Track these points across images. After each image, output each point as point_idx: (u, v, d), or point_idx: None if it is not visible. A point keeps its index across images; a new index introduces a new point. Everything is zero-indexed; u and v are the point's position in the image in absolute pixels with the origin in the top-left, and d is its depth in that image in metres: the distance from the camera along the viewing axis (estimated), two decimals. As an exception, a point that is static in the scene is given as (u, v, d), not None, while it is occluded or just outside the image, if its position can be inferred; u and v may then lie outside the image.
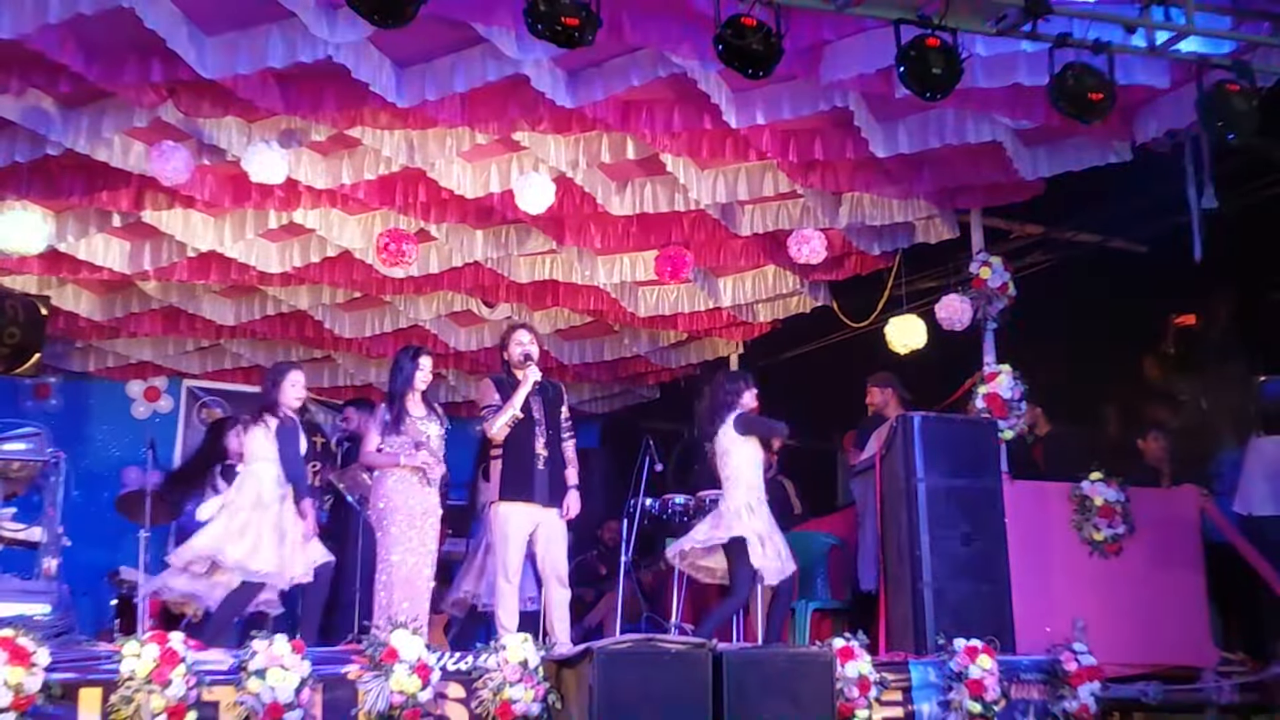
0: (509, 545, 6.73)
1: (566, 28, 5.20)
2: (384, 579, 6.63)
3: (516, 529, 6.74)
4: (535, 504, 6.78)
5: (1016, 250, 8.89)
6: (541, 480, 6.80)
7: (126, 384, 11.69)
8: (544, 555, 6.82)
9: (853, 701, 6.17)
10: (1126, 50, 6.12)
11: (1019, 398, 7.90)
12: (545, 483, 6.81)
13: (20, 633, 5.16)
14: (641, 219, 8.76)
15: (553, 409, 6.98)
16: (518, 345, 6.99)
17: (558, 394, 7.11)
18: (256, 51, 6.24)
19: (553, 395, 7.05)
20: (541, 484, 6.80)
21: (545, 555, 6.82)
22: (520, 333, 7.07)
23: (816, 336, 10.44)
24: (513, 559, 6.73)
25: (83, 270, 9.13)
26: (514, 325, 7.28)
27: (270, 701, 5.37)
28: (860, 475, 7.94)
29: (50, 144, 7.21)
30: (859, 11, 5.72)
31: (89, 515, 9.95)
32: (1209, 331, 9.00)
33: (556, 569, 6.81)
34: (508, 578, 6.72)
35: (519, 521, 6.75)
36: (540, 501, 6.79)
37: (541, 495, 6.79)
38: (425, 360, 7.01)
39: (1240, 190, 7.72)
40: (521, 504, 6.76)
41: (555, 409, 7.00)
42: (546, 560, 6.82)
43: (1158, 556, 7.74)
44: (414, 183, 8.13)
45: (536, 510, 6.79)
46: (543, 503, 6.80)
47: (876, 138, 7.28)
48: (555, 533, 6.84)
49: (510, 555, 6.73)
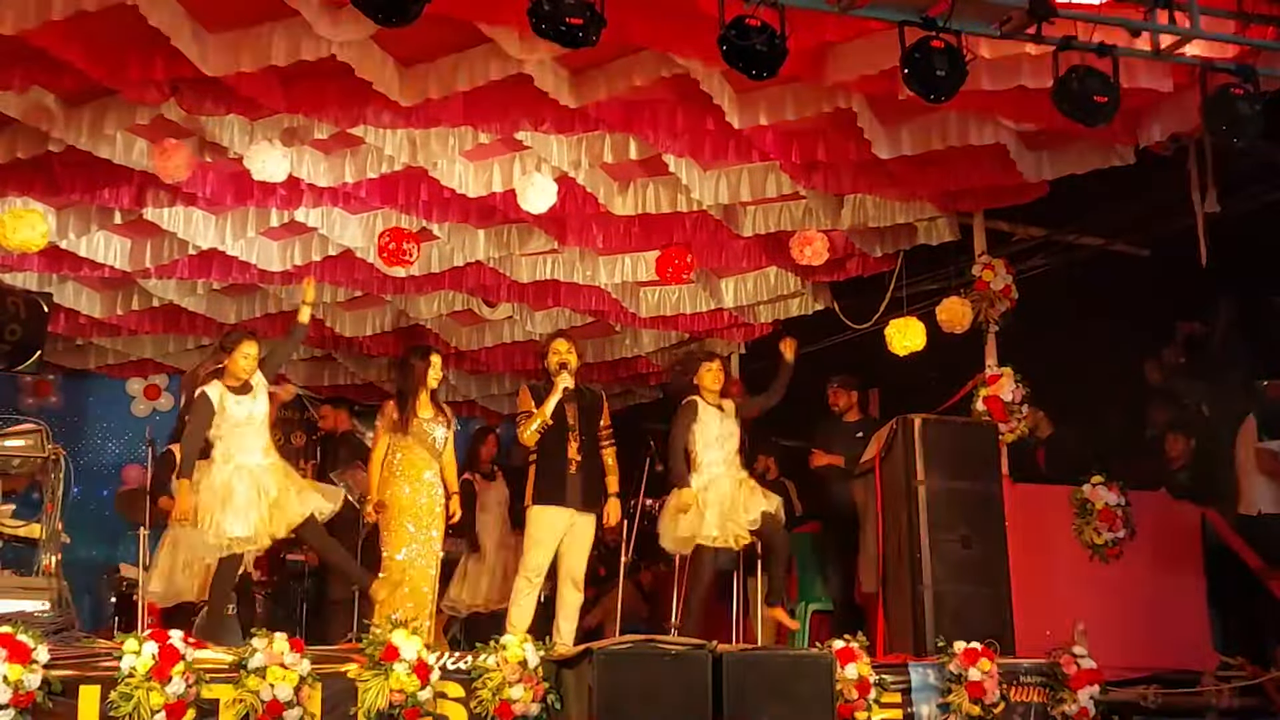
0: (537, 547, 6.85)
1: (570, 27, 5.19)
2: (385, 576, 6.62)
3: (548, 532, 6.85)
4: (568, 508, 6.89)
5: (1019, 253, 8.88)
6: (574, 485, 6.91)
7: (127, 381, 11.71)
8: (565, 557, 6.91)
9: (852, 703, 6.17)
10: (1131, 53, 6.10)
11: (1020, 401, 7.90)
12: (579, 487, 6.92)
13: (20, 629, 5.16)
14: (643, 219, 8.75)
15: (589, 416, 7.08)
16: (554, 354, 7.15)
17: (595, 401, 7.21)
18: (259, 49, 6.23)
19: (590, 402, 7.16)
20: (574, 488, 6.91)
21: (566, 556, 6.91)
22: (558, 341, 7.23)
23: (818, 338, 10.42)
24: (538, 560, 6.85)
25: (84, 267, 9.12)
26: (553, 335, 7.46)
27: (270, 699, 5.37)
28: (860, 478, 7.94)
29: (52, 140, 7.21)
30: (863, 13, 5.71)
31: (89, 512, 10.00)
32: (1211, 336, 8.99)
33: (573, 571, 6.92)
34: (529, 577, 6.83)
35: (552, 525, 6.87)
36: (573, 505, 6.90)
37: (574, 499, 6.90)
38: (435, 359, 7.04)
39: (1244, 194, 7.71)
40: (554, 507, 6.87)
41: (592, 416, 7.11)
42: (565, 561, 6.91)
43: (1158, 560, 7.75)
44: (416, 182, 8.12)
45: (571, 514, 6.90)
46: (576, 507, 6.91)
47: (879, 139, 7.27)
48: (582, 537, 6.96)
49: (536, 556, 6.84)
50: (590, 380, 12.13)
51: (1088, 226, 8.96)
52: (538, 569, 6.86)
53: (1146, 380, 9.23)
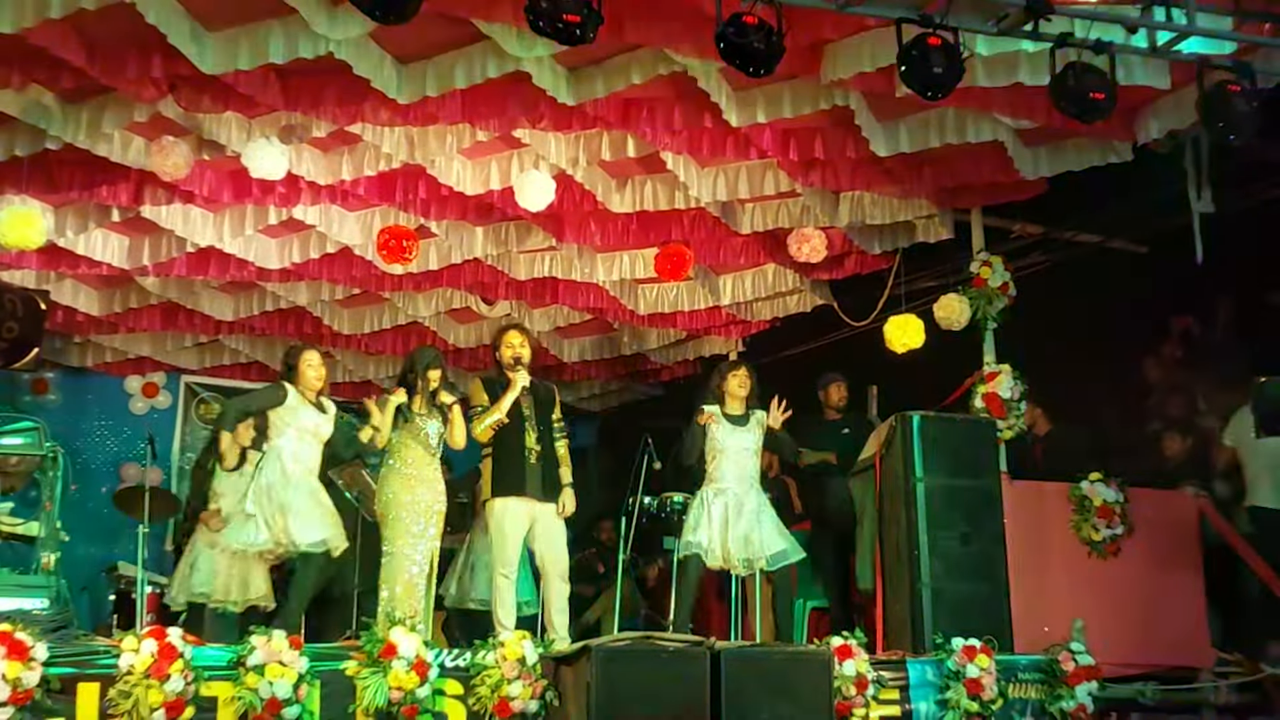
0: (505, 541, 6.73)
1: (568, 24, 5.19)
2: (385, 574, 6.62)
3: (513, 524, 6.73)
4: (529, 498, 6.76)
5: (1017, 250, 8.87)
6: (534, 475, 6.78)
7: (125, 379, 11.70)
8: (543, 552, 6.82)
9: (850, 700, 6.17)
10: (1128, 50, 6.11)
11: (1018, 398, 7.91)
12: (539, 477, 6.79)
13: (18, 627, 5.15)
14: (641, 217, 8.75)
15: (544, 408, 6.96)
16: (508, 348, 6.97)
17: (549, 394, 7.08)
18: (257, 47, 6.23)
19: (544, 395, 7.02)
20: (534, 478, 6.77)
21: (544, 552, 6.82)
22: (511, 334, 7.02)
23: (816, 335, 10.43)
24: (508, 554, 6.73)
25: (82, 265, 9.12)
26: (505, 326, 7.21)
27: (269, 697, 5.37)
28: (858, 475, 7.94)
29: (50, 139, 7.20)
30: (861, 10, 5.72)
31: (87, 510, 9.99)
32: (1208, 333, 9.00)
33: (556, 564, 6.80)
34: (505, 573, 6.72)
35: (514, 517, 6.74)
36: (534, 495, 6.77)
37: (534, 489, 6.77)
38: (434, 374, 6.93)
39: (1241, 191, 7.71)
40: (515, 499, 6.75)
41: (547, 409, 6.98)
42: (546, 556, 6.82)
43: (1156, 557, 7.75)
44: (414, 179, 8.13)
45: (532, 505, 6.77)
46: (537, 497, 6.78)
47: (877, 137, 7.27)
48: (552, 528, 6.83)
49: (506, 551, 6.73)
50: (589, 377, 12.19)
51: (1085, 223, 8.96)
52: (508, 562, 6.73)
53: (1145, 377, 9.24)
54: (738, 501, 7.04)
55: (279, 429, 6.65)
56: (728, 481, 7.08)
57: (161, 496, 8.52)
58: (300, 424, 6.66)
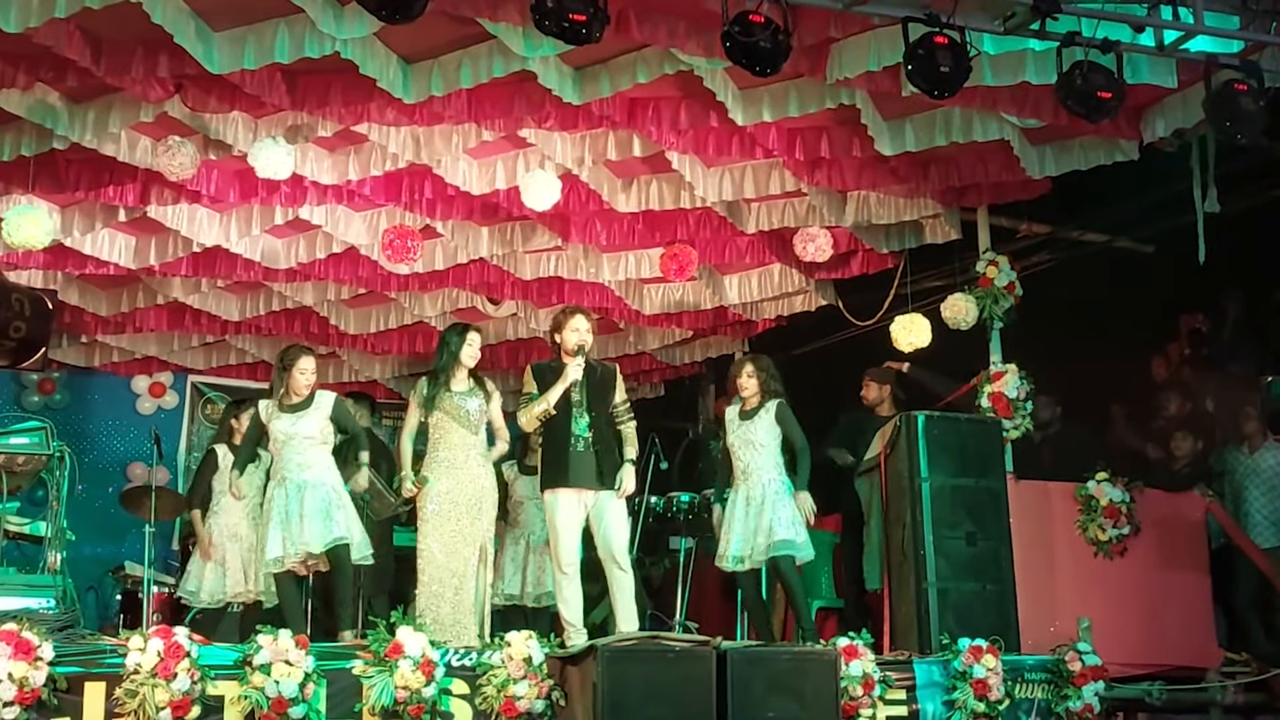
0: (558, 536, 6.48)
1: (574, 24, 5.20)
2: (420, 567, 6.56)
3: (565, 517, 6.47)
4: (578, 488, 6.49)
5: (1023, 249, 8.87)
6: (580, 462, 6.47)
7: (132, 379, 11.71)
8: (599, 539, 6.53)
9: (857, 700, 6.17)
10: (1135, 49, 6.10)
11: (1024, 397, 7.89)
12: (588, 465, 6.49)
13: (25, 626, 5.17)
14: (647, 216, 8.75)
15: (598, 391, 6.63)
16: (573, 332, 6.62)
17: (608, 375, 6.77)
18: (263, 47, 6.23)
19: (601, 376, 6.70)
20: (580, 466, 6.47)
21: (601, 538, 6.53)
22: (578, 318, 6.67)
23: (822, 335, 10.42)
24: (563, 550, 6.47)
25: (88, 265, 9.13)
26: (572, 309, 6.82)
27: (275, 696, 5.38)
28: (865, 474, 7.94)
29: (57, 138, 7.21)
30: (867, 9, 5.72)
31: (93, 510, 10.00)
32: (1216, 332, 8.98)
33: (612, 551, 6.48)
34: (562, 568, 6.48)
35: (566, 509, 6.48)
36: (582, 484, 6.48)
37: (581, 478, 6.47)
38: (474, 336, 6.80)
39: (1248, 190, 7.70)
40: (562, 490, 6.49)
41: (602, 392, 6.66)
42: (601, 543, 6.52)
43: (1162, 557, 7.74)
44: (420, 179, 8.13)
45: (584, 494, 6.51)
46: (587, 485, 6.49)
47: (883, 136, 7.27)
48: (609, 514, 6.51)
49: (559, 545, 6.48)
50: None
51: (1092, 223, 8.96)
52: (565, 558, 6.46)
53: (1152, 376, 9.23)
54: (754, 494, 6.90)
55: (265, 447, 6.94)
56: (744, 475, 6.98)
57: (168, 496, 8.51)
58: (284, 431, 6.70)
